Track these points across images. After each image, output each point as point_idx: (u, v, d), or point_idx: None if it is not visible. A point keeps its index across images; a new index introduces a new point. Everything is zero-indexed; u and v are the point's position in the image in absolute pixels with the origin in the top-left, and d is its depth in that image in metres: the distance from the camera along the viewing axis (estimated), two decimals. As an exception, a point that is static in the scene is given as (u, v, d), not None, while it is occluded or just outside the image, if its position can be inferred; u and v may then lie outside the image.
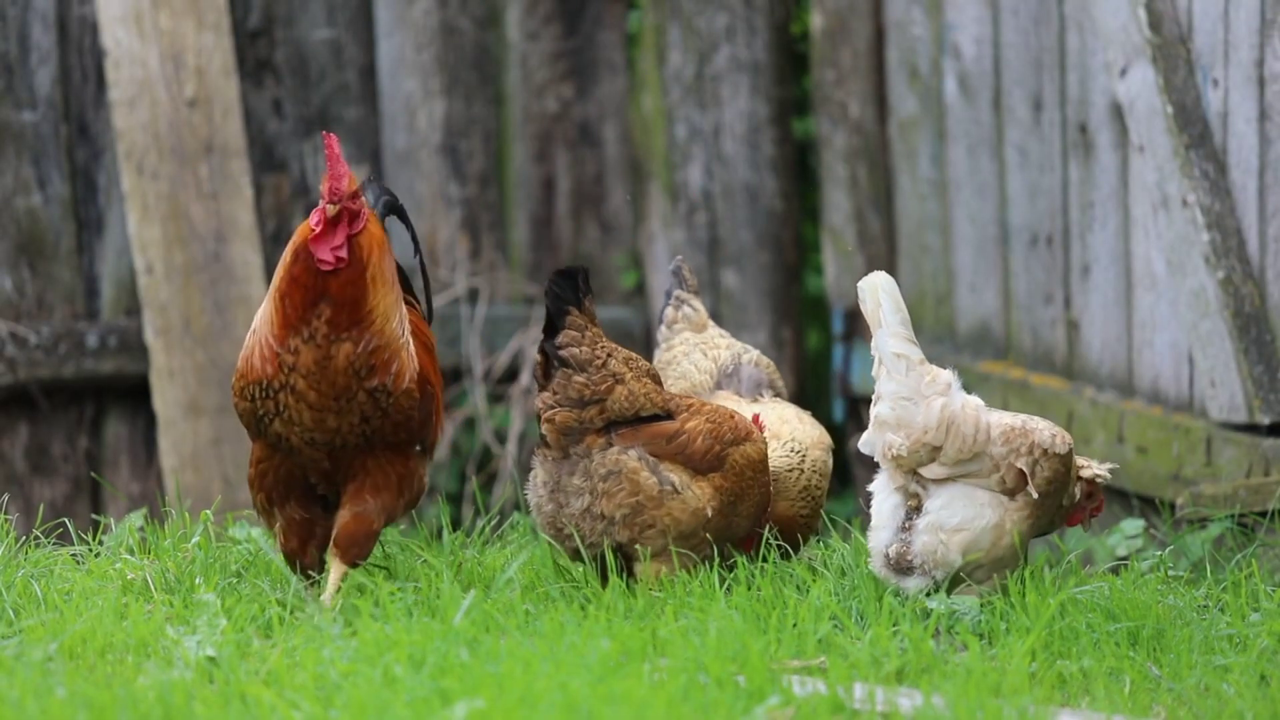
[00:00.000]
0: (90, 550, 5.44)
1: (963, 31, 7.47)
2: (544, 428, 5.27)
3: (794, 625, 4.82)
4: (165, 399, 7.42)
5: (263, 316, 5.16)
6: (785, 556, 5.41)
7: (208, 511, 5.45)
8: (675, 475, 5.26)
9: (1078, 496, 5.43)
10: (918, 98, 7.71)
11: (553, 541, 5.30)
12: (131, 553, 5.36)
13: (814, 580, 5.19)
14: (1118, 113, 6.77)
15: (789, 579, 5.29)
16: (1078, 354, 7.09)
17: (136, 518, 6.33)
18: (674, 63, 8.08)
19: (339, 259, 5.08)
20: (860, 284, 5.27)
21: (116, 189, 7.48)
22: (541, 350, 5.28)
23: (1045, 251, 7.19)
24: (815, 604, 4.89)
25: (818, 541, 5.72)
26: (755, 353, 5.91)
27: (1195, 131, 6.40)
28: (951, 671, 4.57)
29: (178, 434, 7.42)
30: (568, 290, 5.24)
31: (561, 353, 5.24)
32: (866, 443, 5.28)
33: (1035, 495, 5.20)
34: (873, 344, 5.25)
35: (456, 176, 7.98)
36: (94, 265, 7.54)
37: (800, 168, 8.21)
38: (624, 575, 5.20)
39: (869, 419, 5.30)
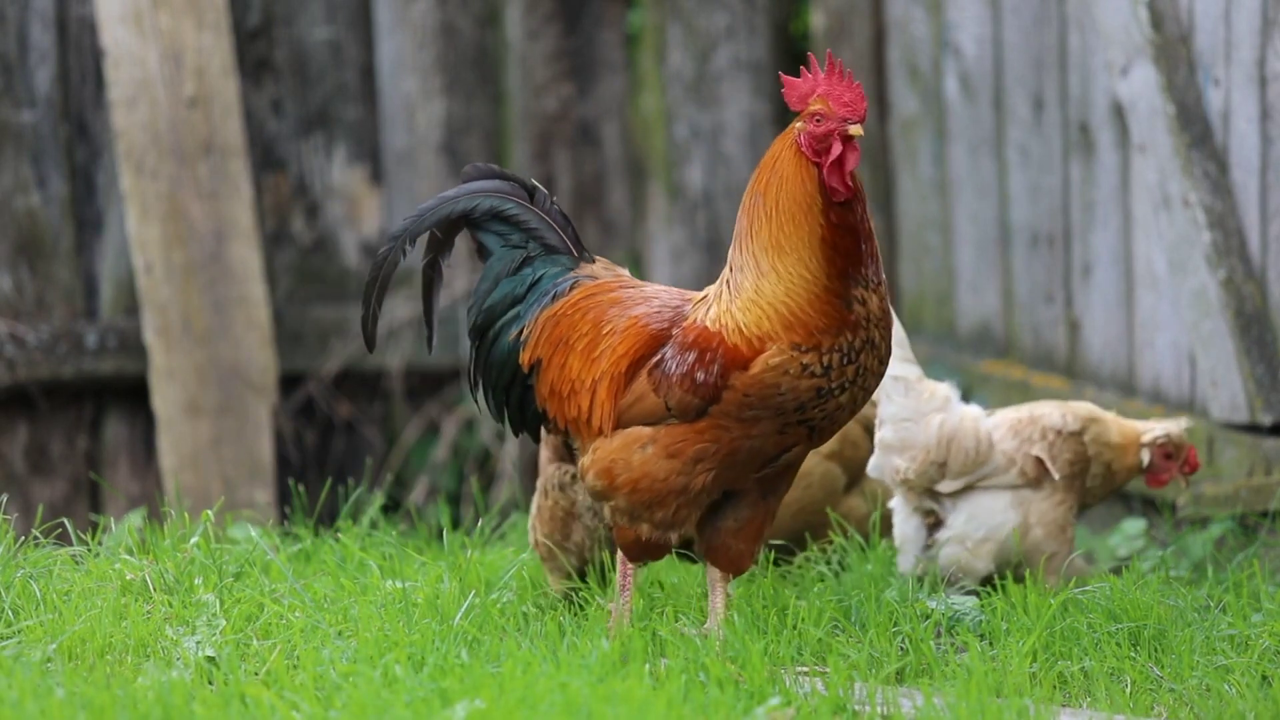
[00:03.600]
0: (89, 550, 5.42)
1: (963, 31, 7.46)
2: None
3: (794, 626, 4.81)
4: (165, 399, 7.40)
5: (780, 267, 4.36)
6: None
7: (209, 512, 5.44)
8: None
9: (1146, 461, 5.45)
10: (918, 97, 7.70)
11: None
12: (130, 553, 5.35)
13: (819, 579, 5.19)
14: (1119, 112, 6.76)
15: (788, 581, 5.29)
16: (1079, 354, 7.08)
17: (135, 518, 6.33)
18: (674, 62, 8.07)
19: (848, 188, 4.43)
20: None
21: (115, 189, 7.47)
22: None
23: (1046, 251, 7.18)
24: (815, 604, 4.88)
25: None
26: None
27: (1196, 131, 6.39)
28: (952, 672, 4.56)
29: (177, 434, 7.41)
30: None
31: None
32: (875, 467, 5.31)
33: (1058, 477, 5.24)
34: None
35: (456, 176, 7.97)
36: (93, 265, 7.53)
37: (801, 167, 8.19)
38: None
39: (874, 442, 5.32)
